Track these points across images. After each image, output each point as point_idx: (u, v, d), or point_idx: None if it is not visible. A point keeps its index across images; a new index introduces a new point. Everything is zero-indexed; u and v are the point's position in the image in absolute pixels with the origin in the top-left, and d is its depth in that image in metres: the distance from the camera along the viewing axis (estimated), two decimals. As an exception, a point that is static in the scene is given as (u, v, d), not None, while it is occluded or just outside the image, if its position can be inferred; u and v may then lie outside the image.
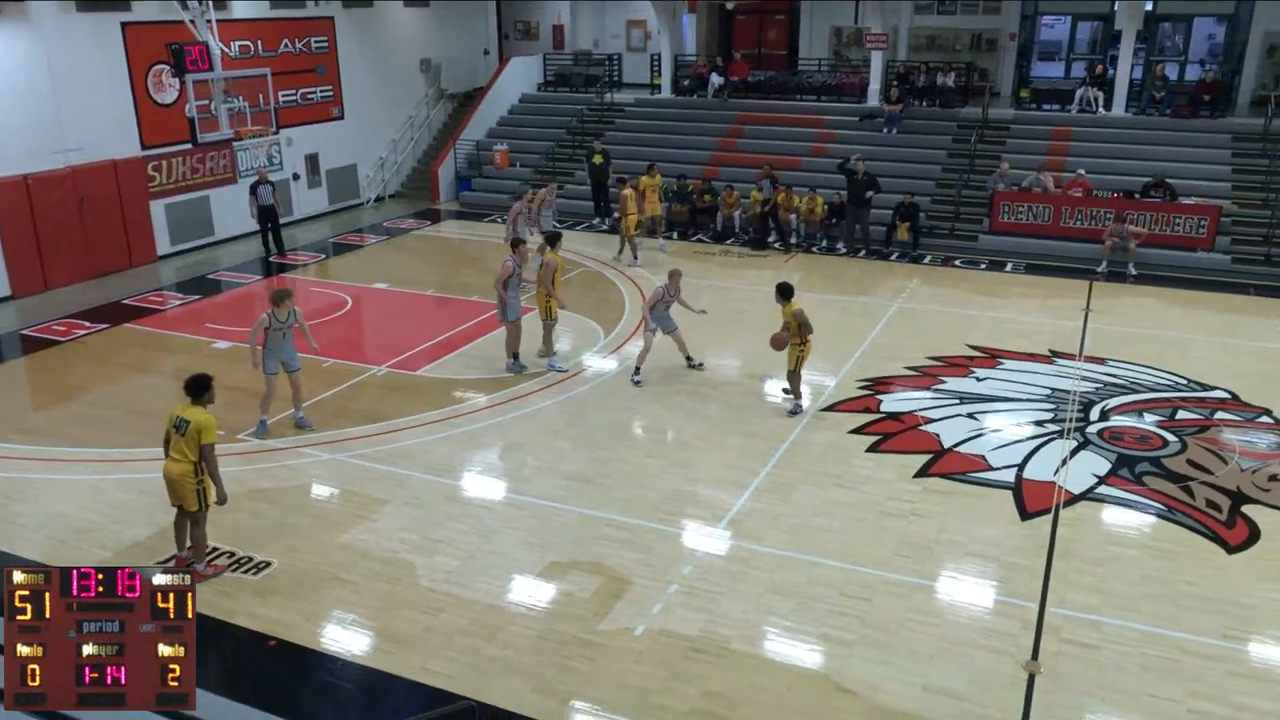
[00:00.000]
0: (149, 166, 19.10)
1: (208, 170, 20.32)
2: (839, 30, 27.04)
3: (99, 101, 18.05)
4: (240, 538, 9.34)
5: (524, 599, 8.46)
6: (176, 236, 19.79)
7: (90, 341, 14.97)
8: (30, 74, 16.84)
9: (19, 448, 11.28)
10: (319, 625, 8.13)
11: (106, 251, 18.33)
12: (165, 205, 19.52)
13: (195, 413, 8.33)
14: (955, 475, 10.57)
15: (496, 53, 28.69)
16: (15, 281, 16.96)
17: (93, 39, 17.83)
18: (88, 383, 13.39)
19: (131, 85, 18.64)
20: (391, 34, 24.93)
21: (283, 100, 20.60)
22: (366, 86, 24.03)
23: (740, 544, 9.27)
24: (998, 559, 8.99)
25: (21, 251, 16.97)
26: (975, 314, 16.04)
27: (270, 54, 21.11)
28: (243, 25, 20.43)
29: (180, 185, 19.81)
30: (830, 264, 19.19)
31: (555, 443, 11.37)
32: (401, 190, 25.62)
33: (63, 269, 17.59)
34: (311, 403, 12.36)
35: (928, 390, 12.83)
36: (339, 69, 23.28)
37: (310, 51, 22.46)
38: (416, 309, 16.76)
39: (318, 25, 22.59)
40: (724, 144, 23.46)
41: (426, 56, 26.14)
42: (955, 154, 21.83)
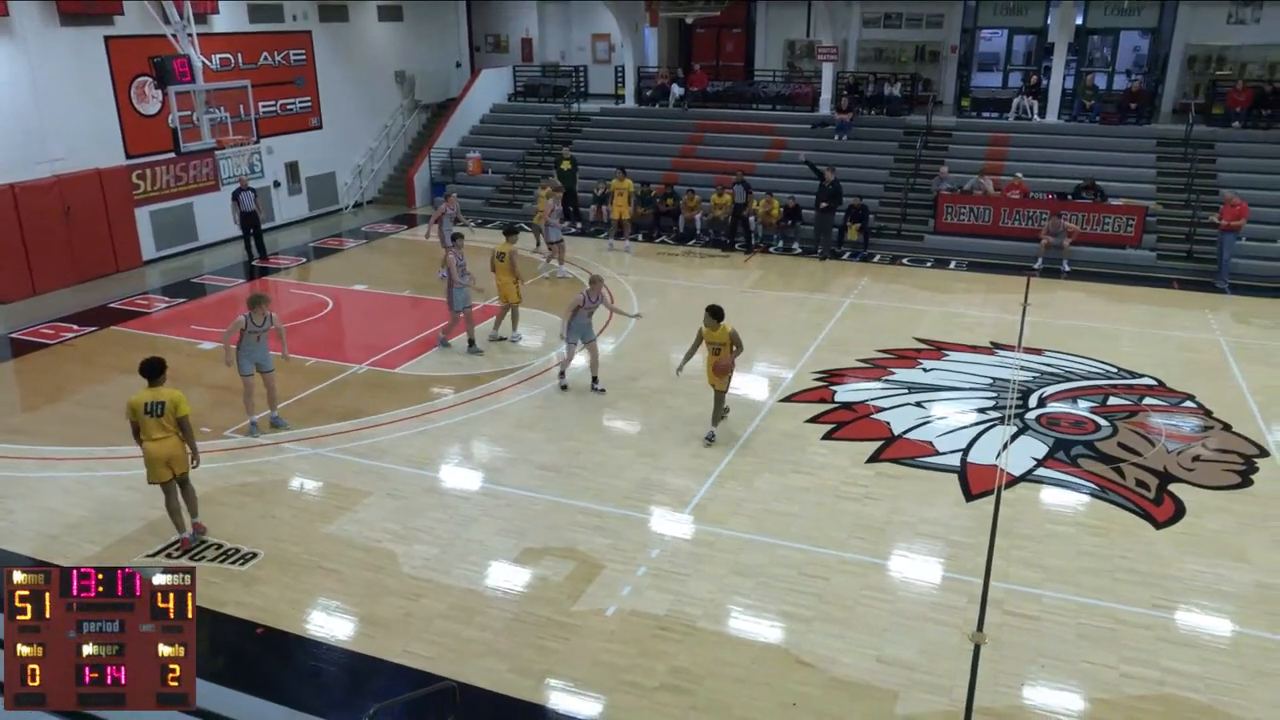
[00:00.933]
0: (133, 175, 18.75)
1: (191, 178, 19.99)
2: (792, 43, 27.13)
3: (83, 112, 17.69)
4: (227, 530, 9.21)
5: (501, 584, 8.43)
6: (161, 242, 19.47)
7: (78, 344, 14.68)
8: (14, 86, 16.47)
9: (9, 447, 11.04)
10: (304, 612, 8.04)
11: (93, 257, 17.98)
12: (150, 212, 19.18)
13: (165, 392, 8.46)
14: (905, 460, 10.66)
15: (468, 64, 28.48)
16: (3, 287, 16.59)
17: (76, 52, 17.46)
18: (75, 384, 13.14)
19: (115, 97, 18.28)
20: (367, 47, 24.67)
21: (263, 111, 20.31)
22: (344, 97, 23.76)
23: (705, 528, 9.30)
24: (945, 538, 9.09)
25: (9, 257, 16.60)
26: (922, 309, 16.18)
27: (250, 66, 20.81)
28: (223, 39, 20.12)
29: (164, 193, 19.47)
30: (786, 263, 19.27)
31: (528, 435, 11.33)
32: (379, 196, 25.38)
33: (50, 274, 17.23)
34: (294, 400, 12.22)
35: (878, 381, 12.92)
36: (317, 80, 22.99)
37: (289, 64, 22.16)
38: (394, 309, 16.61)
39: (296, 39, 22.30)
40: (685, 150, 23.46)
41: (401, 68, 25.90)
42: (901, 159, 21.99)
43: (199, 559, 8.75)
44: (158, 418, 8.40)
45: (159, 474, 8.59)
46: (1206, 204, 18.96)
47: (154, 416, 8.40)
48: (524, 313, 14.82)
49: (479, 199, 23.67)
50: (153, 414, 8.40)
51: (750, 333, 14.90)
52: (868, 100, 23.67)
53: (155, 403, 8.39)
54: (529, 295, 15.48)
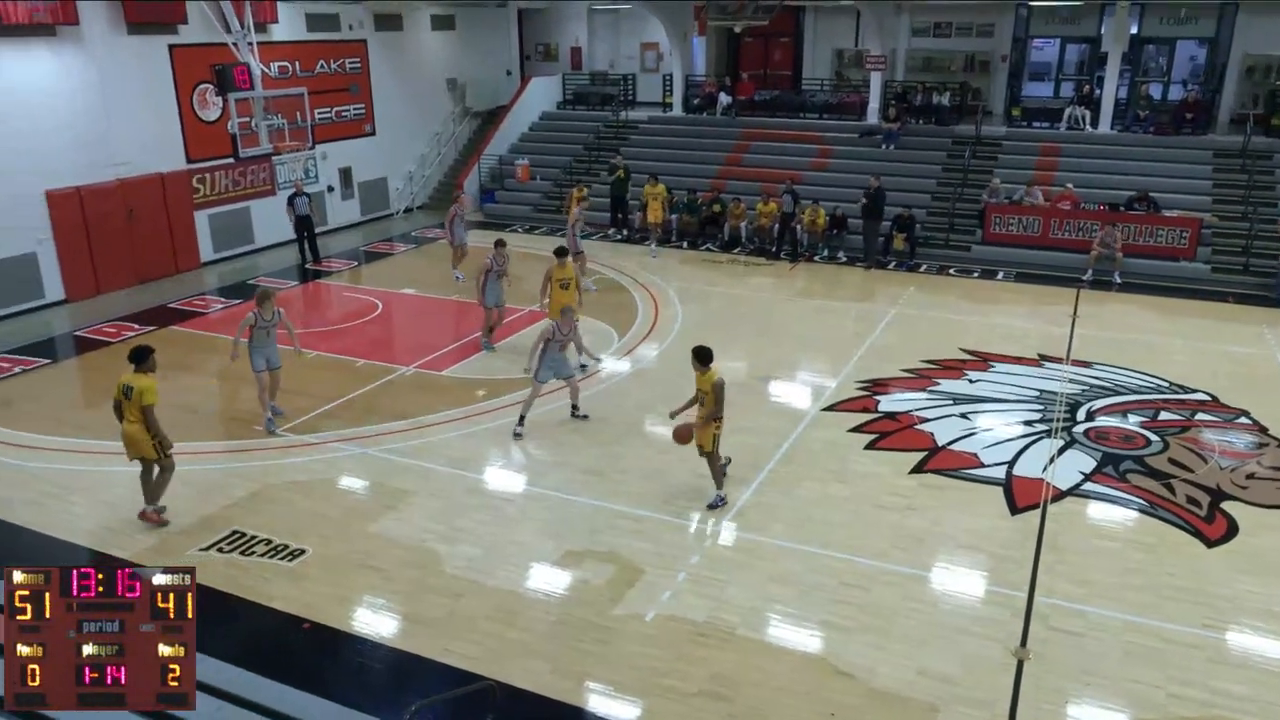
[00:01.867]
0: (194, 179, 19.20)
1: (248, 183, 20.42)
2: (840, 52, 26.98)
3: (147, 118, 18.15)
4: (276, 527, 9.38)
5: (542, 585, 8.47)
6: (219, 244, 19.90)
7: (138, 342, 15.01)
8: (84, 92, 16.95)
9: (73, 441, 11.36)
10: (349, 609, 8.16)
11: (154, 258, 18.43)
12: (209, 215, 19.62)
13: (137, 379, 8.85)
14: (948, 472, 10.53)
15: (518, 73, 28.73)
16: (69, 286, 17.08)
17: (142, 60, 17.93)
18: (135, 381, 13.45)
19: (178, 103, 18.75)
20: (420, 55, 25.01)
21: (318, 117, 20.66)
22: (396, 104, 24.10)
23: (745, 535, 9.26)
24: (988, 551, 8.95)
25: (75, 258, 17.09)
26: (968, 319, 15.97)
27: (307, 74, 21.20)
28: (282, 47, 20.53)
29: (222, 197, 19.91)
30: (831, 272, 19.14)
31: (571, 438, 11.38)
32: (429, 202, 25.68)
33: (113, 274, 17.70)
34: (343, 400, 12.43)
35: (923, 391, 12.78)
36: (371, 88, 23.35)
37: (344, 72, 22.55)
38: (442, 313, 16.80)
39: (352, 47, 22.68)
40: (731, 159, 23.43)
41: (453, 76, 26.20)
42: (950, 169, 21.75)
43: (249, 554, 8.92)
44: (129, 401, 8.87)
45: (129, 453, 9.14)
46: (1264, 216, 18.47)
47: (127, 399, 8.89)
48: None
49: (526, 205, 23.86)
50: (126, 396, 8.89)
51: (793, 341, 14.90)
52: (916, 109, 23.45)
53: (128, 386, 8.87)
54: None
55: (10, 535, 9.38)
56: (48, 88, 16.39)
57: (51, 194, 16.59)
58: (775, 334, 15.26)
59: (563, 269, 13.22)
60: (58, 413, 12.29)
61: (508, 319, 14.99)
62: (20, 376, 13.63)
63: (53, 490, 10.16)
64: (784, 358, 14.16)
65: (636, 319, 15.92)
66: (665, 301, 16.80)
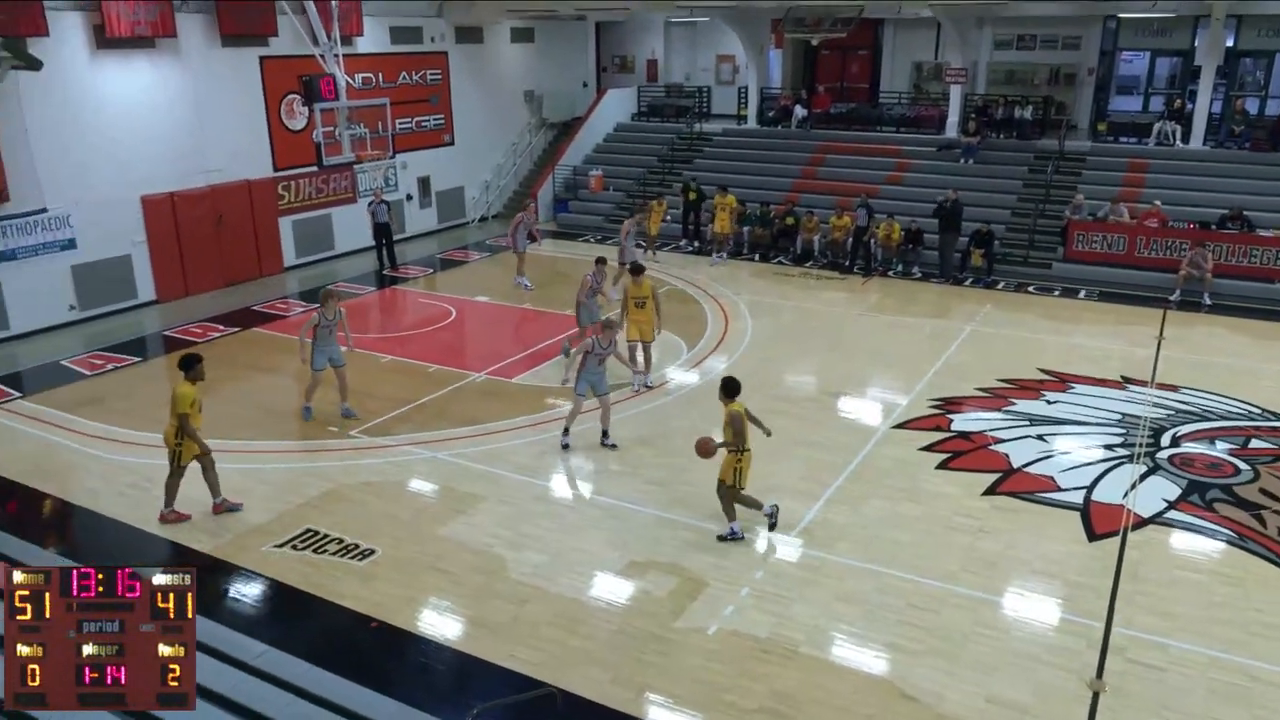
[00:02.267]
0: (279, 186, 19.83)
1: (331, 190, 20.99)
2: (919, 65, 26.61)
3: (237, 127, 18.83)
4: (348, 526, 9.59)
5: (605, 595, 8.49)
6: (301, 250, 20.49)
7: (221, 343, 15.58)
8: (180, 102, 17.67)
9: (157, 436, 11.70)
10: (416, 610, 8.29)
11: (239, 262, 19.07)
12: (292, 221, 20.23)
13: (178, 385, 9.25)
14: (1023, 494, 10.25)
15: (594, 85, 29.01)
16: (160, 287, 17.77)
17: (234, 71, 18.62)
18: (217, 381, 13.87)
19: (266, 113, 19.40)
20: (499, 67, 25.44)
21: (399, 127, 21.15)
22: (475, 115, 24.54)
23: (811, 552, 9.15)
24: (1064, 577, 8.68)
25: (167, 261, 17.78)
26: (1047, 339, 15.56)
27: (390, 85, 21.73)
28: (366, 59, 21.09)
29: (306, 204, 20.51)
30: (906, 287, 18.85)
31: (637, 449, 11.39)
32: (503, 211, 26.03)
33: (201, 277, 18.36)
34: (416, 404, 12.66)
35: (998, 411, 12.48)
36: (451, 99, 23.82)
37: (425, 83, 23.05)
38: (514, 321, 17.01)
39: (433, 59, 23.19)
40: (806, 172, 23.27)
41: (530, 88, 26.59)
42: (1031, 184, 21.24)
43: (321, 552, 9.13)
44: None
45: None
46: (1368, 238, 17.60)
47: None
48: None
49: (598, 215, 24.03)
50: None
51: (865, 356, 14.69)
52: (997, 123, 22.98)
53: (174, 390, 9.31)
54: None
55: (97, 524, 9.79)
56: (146, 98, 17.13)
57: (147, 199, 17.31)
58: (847, 349, 15.08)
59: (638, 287, 13.01)
60: (145, 409, 12.75)
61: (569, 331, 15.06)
62: (112, 373, 14.21)
63: (139, 483, 10.55)
64: (855, 373, 13.98)
65: (706, 331, 15.88)
66: (736, 314, 16.74)
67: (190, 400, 9.21)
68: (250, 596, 8.57)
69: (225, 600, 8.45)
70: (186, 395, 9.19)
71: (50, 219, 15.92)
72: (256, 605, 8.49)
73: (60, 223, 16.07)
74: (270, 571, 8.81)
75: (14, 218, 15.44)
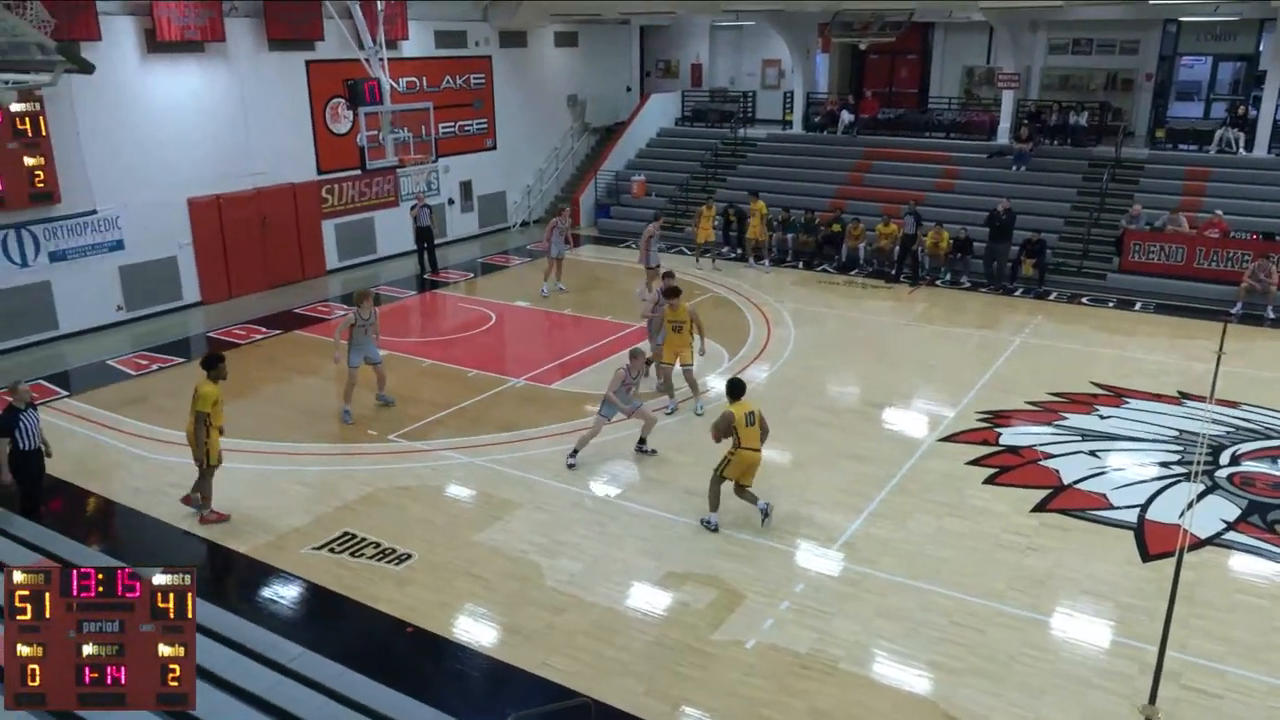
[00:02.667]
0: (323, 189, 20.14)
1: (373, 194, 21.27)
2: (971, 70, 26.31)
3: (283, 130, 19.16)
4: (385, 530, 9.67)
5: (642, 605, 8.47)
6: (344, 253, 20.77)
7: (264, 345, 15.84)
8: (227, 105, 18.04)
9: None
10: (451, 615, 8.33)
11: (283, 265, 19.38)
12: (335, 224, 20.51)
13: (200, 384, 9.37)
14: (1074, 512, 10.06)
15: (638, 89, 29.09)
16: (206, 289, 18.12)
17: (281, 75, 18.96)
18: (260, 382, 14.16)
19: (312, 116, 19.72)
20: (542, 72, 25.62)
21: (442, 131, 21.37)
22: (517, 120, 24.73)
23: (852, 566, 9.05)
24: (1116, 599, 8.49)
25: (212, 263, 18.13)
26: (1100, 352, 15.27)
27: (433, 89, 21.98)
28: (410, 63, 21.35)
29: (349, 207, 20.80)
30: (954, 297, 18.61)
31: (677, 458, 11.36)
32: (545, 216, 26.13)
33: (245, 279, 18.69)
34: (454, 409, 12.75)
35: (1048, 425, 12.27)
36: (494, 103, 24.04)
37: (469, 87, 23.29)
38: (553, 326, 17.08)
39: (477, 63, 23.42)
40: (852, 178, 23.11)
41: (573, 92, 26.74)
42: (1086, 192, 20.87)
43: (358, 555, 9.22)
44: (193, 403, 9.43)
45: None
46: None
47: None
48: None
49: (640, 221, 23.96)
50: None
51: (911, 367, 14.53)
52: (1050, 129, 22.65)
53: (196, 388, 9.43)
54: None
55: (139, 524, 9.98)
56: (194, 101, 17.50)
57: (193, 201, 17.67)
58: (892, 359, 14.92)
59: (675, 311, 12.53)
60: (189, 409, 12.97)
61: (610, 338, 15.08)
62: (157, 374, 14.51)
63: (180, 483, 10.71)
64: (900, 384, 13.83)
65: (748, 339, 15.82)
66: (778, 322, 16.66)
67: (212, 400, 9.35)
68: (287, 598, 8.68)
69: (262, 601, 8.57)
70: (209, 394, 9.33)
71: (100, 220, 16.32)
72: (293, 607, 8.59)
73: (109, 224, 16.47)
74: (307, 574, 8.91)
75: (65, 219, 15.85)
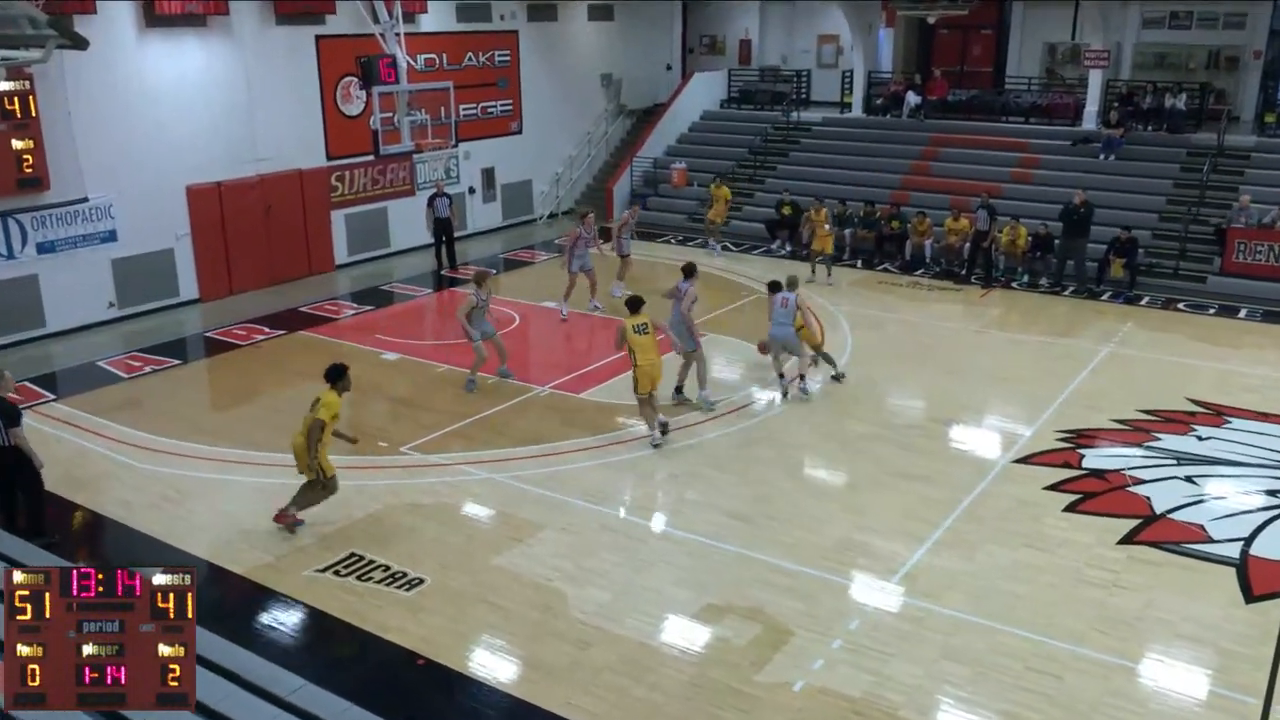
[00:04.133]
0: (333, 177, 20.40)
1: (387, 181, 21.51)
2: (1053, 47, 26.06)
3: (291, 112, 19.44)
4: (396, 552, 9.75)
5: (677, 640, 8.45)
6: (354, 246, 21.02)
7: (267, 346, 16.06)
8: (230, 84, 18.33)
9: (195, 446, 12.19)
10: (467, 647, 8.37)
11: (288, 259, 19.65)
12: (345, 215, 20.77)
13: (324, 393, 9.78)
14: (1167, 545, 9.90)
15: (680, 68, 29.16)
16: (204, 285, 18.41)
17: (289, 52, 19.25)
18: (262, 387, 14.36)
19: (321, 96, 20.00)
20: (574, 48, 25.77)
21: (463, 114, 21.54)
22: (546, 101, 24.89)
23: (914, 602, 8.97)
24: (1215, 644, 8.34)
25: (211, 256, 18.43)
26: (1199, 364, 15.03)
27: (454, 67, 22.19)
28: (429, 38, 21.58)
29: (360, 196, 21.04)
30: (1032, 301, 18.42)
31: (719, 477, 11.35)
32: (574, 207, 26.30)
33: (247, 275, 18.97)
34: (474, 419, 12.84)
35: (1138, 447, 12.10)
36: (520, 83, 24.21)
37: (493, 65, 23.48)
38: (583, 329, 17.13)
39: (502, 39, 23.61)
40: (917, 167, 22.98)
41: (608, 71, 26.85)
42: (1183, 184, 20.59)
43: (366, 579, 9.30)
44: (310, 413, 9.75)
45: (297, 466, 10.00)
46: None
47: (311, 411, 9.77)
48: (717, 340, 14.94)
49: (680, 213, 24.09)
50: (312, 408, 9.78)
51: (982, 379, 14.40)
52: (1143, 114, 22.36)
53: (317, 399, 9.81)
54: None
55: (127, 538, 10.16)
56: (195, 80, 17.82)
57: (192, 188, 17.98)
58: (961, 371, 14.80)
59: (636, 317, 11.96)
60: (185, 416, 13.22)
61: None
62: (151, 376, 14.76)
63: (174, 496, 10.93)
64: (970, 398, 13.71)
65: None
66: (833, 326, 16.58)
67: (334, 411, 9.72)
68: (288, 625, 8.77)
69: (260, 628, 8.67)
70: (333, 404, 9.72)
71: (91, 209, 16.65)
72: (294, 635, 8.69)
73: (101, 213, 16.79)
74: (310, 599, 9.00)
75: (54, 207, 16.17)
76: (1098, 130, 22.01)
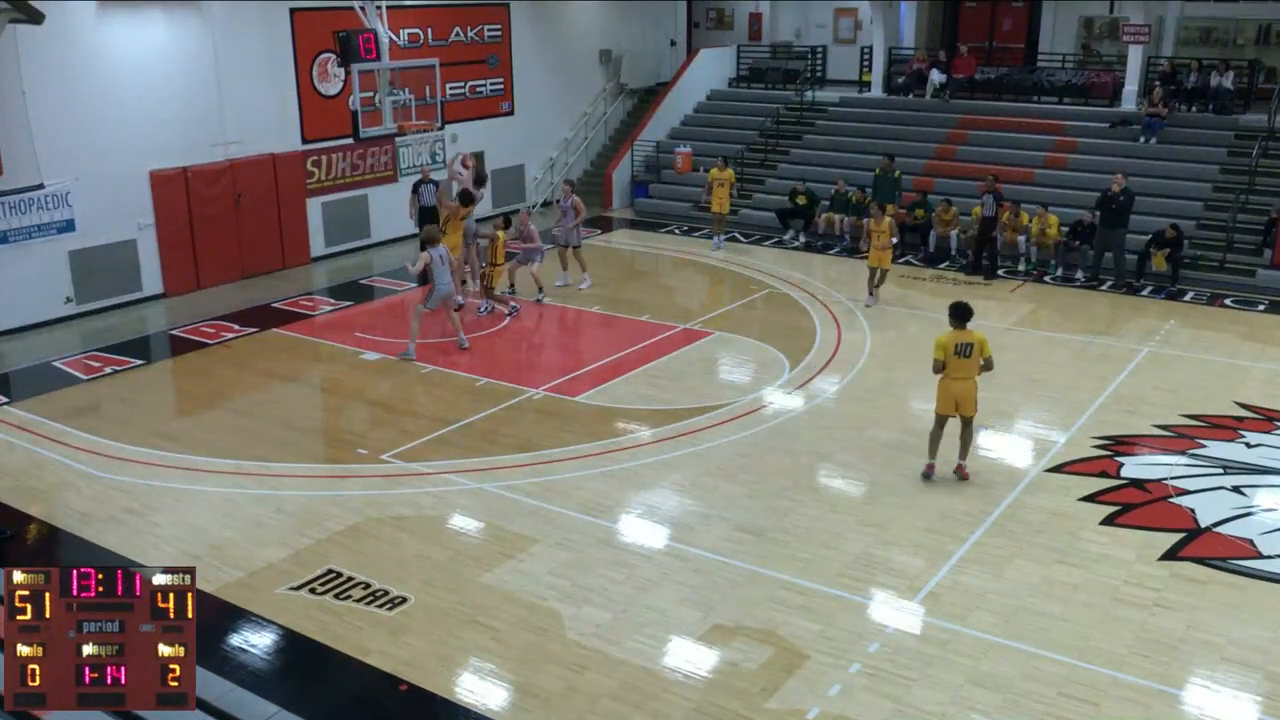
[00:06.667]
0: (308, 161, 20.40)
1: (368, 167, 21.52)
2: (1089, 21, 26.11)
3: (263, 91, 19.44)
4: (376, 568, 9.75)
5: (681, 664, 8.46)
6: (332, 237, 21.03)
7: (236, 345, 16.06)
8: (198, 62, 18.31)
9: (159, 454, 12.19)
10: (454, 671, 8.37)
11: (260, 251, 19.66)
12: (322, 203, 20.79)
13: (976, 335, 11.14)
14: (1214, 561, 9.91)
15: (684, 44, 29.21)
16: (169, 279, 18.43)
17: (261, 26, 19.25)
18: (231, 389, 14.36)
19: (296, 75, 20.00)
20: (570, 22, 25.79)
21: (450, 93, 21.58)
22: (540, 80, 24.92)
23: (938, 623, 8.98)
24: (1265, 669, 8.35)
25: (177, 248, 18.44)
26: (1248, 365, 15.05)
27: (440, 43, 22.21)
28: (413, 12, 21.59)
29: (339, 183, 21.05)
30: (1066, 296, 18.43)
31: (727, 487, 11.35)
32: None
33: (216, 268, 18.99)
34: (460, 424, 12.85)
35: (1182, 455, 12.11)
36: (512, 60, 24.24)
37: (482, 40, 23.50)
38: (580, 327, 17.15)
39: (492, 12, 23.64)
40: (942, 151, 23.00)
41: (607, 48, 26.88)
42: (1231, 170, 20.61)
43: (344, 598, 9.30)
44: (965, 358, 11.03)
45: (950, 408, 11.35)
46: None
47: (961, 356, 11.03)
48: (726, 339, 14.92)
49: (685, 201, 24.10)
50: (961, 353, 11.02)
51: (1013, 381, 14.39)
52: (1188, 93, 22.40)
53: (966, 343, 11.03)
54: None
55: (86, 554, 10.09)
56: (159, 56, 17.80)
57: (156, 175, 17.99)
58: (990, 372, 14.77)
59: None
60: (148, 420, 13.23)
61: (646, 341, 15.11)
62: (111, 378, 14.77)
63: (136, 508, 10.92)
64: (999, 402, 13.69)
65: (814, 345, 15.77)
66: (850, 324, 16.59)
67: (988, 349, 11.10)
68: (260, 648, 8.77)
69: (231, 651, 8.67)
70: (985, 339, 11.13)
71: (47, 197, 16.65)
72: (267, 658, 8.68)
73: (58, 201, 16.80)
74: (284, 619, 9.01)
75: (6, 194, 16.15)
76: (1138, 111, 22.02)
